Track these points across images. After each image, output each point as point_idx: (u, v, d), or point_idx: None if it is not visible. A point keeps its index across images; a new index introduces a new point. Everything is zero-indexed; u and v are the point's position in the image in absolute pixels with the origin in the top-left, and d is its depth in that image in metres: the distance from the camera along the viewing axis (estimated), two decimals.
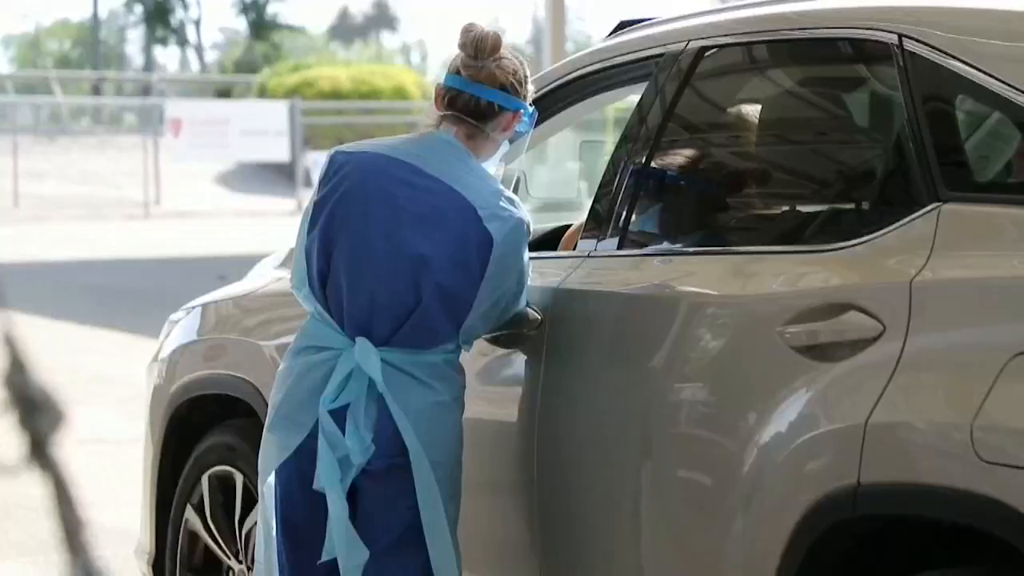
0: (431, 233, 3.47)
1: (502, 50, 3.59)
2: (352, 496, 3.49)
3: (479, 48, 3.57)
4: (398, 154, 3.55)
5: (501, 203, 3.51)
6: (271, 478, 3.56)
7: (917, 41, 3.14)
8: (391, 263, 3.47)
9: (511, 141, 3.71)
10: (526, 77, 3.63)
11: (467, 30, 3.59)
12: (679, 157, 3.78)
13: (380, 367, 3.45)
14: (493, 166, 3.68)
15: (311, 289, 3.56)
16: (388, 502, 3.50)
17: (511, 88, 3.58)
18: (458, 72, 3.59)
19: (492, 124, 3.60)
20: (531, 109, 3.65)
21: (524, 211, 3.57)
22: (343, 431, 3.44)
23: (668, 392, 3.35)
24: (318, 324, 3.57)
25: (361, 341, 3.47)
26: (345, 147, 3.62)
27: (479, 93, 3.57)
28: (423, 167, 3.52)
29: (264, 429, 3.62)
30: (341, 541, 3.46)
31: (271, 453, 3.57)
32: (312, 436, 3.49)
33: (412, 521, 3.48)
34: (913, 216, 3.03)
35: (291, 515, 3.56)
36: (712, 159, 3.85)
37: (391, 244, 3.48)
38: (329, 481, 3.45)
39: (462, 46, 3.60)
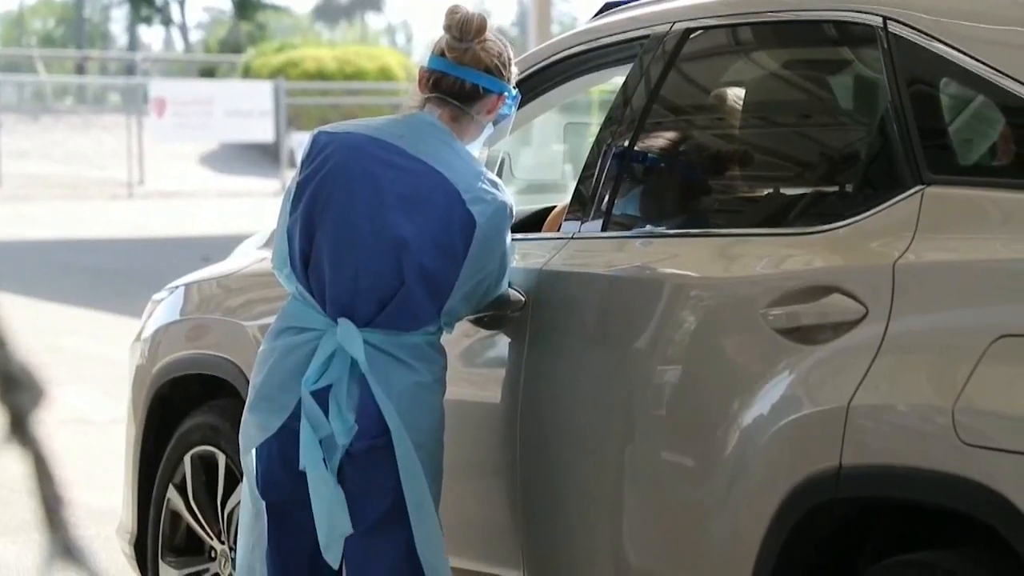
0: (414, 215, 3.46)
1: (487, 32, 3.58)
2: (336, 477, 3.50)
3: (464, 30, 3.56)
4: (382, 135, 3.54)
5: (485, 186, 3.51)
6: (251, 458, 3.56)
7: (902, 24, 3.14)
8: (374, 244, 3.47)
9: (495, 124, 3.70)
10: (510, 60, 3.63)
11: (452, 12, 3.58)
12: (663, 139, 3.78)
13: (363, 348, 3.45)
14: (477, 148, 3.67)
15: (292, 269, 3.55)
16: (371, 482, 3.50)
17: (496, 71, 3.58)
18: (443, 54, 3.58)
19: (477, 106, 3.59)
20: (515, 92, 3.65)
21: (507, 194, 3.56)
22: (326, 412, 3.44)
23: (651, 374, 3.35)
24: (299, 305, 3.57)
25: (344, 322, 3.47)
26: (328, 127, 3.61)
27: (464, 75, 3.56)
28: (407, 148, 3.51)
29: (244, 410, 3.62)
30: (322, 519, 3.46)
31: (251, 434, 3.57)
32: (294, 417, 3.48)
33: (395, 501, 3.48)
34: (896, 199, 3.04)
35: (273, 496, 3.56)
36: (696, 141, 3.85)
37: (374, 225, 3.47)
38: (311, 460, 3.45)
39: (447, 28, 3.59)
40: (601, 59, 3.99)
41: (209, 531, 4.51)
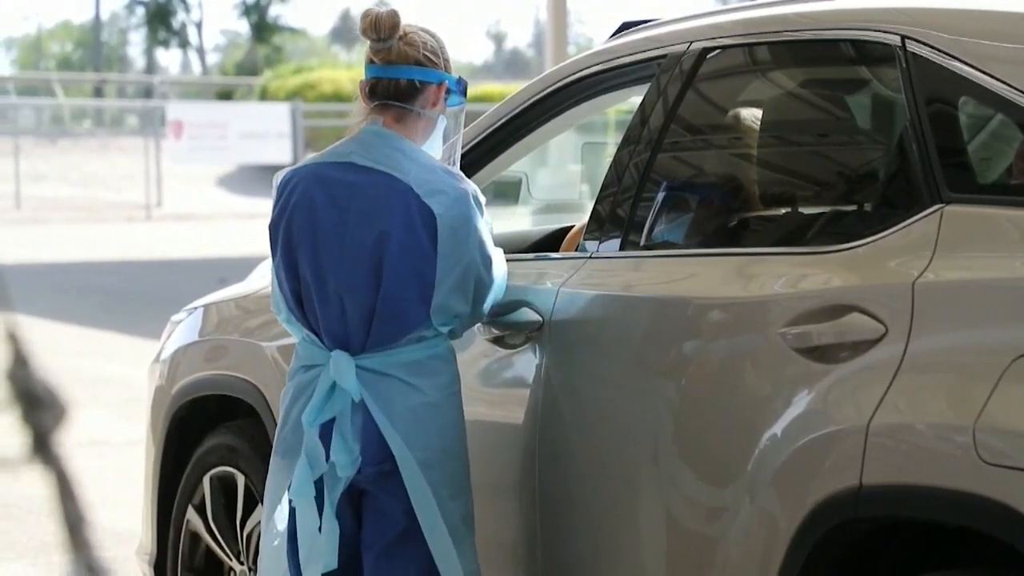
0: (377, 223, 3.48)
1: (403, 27, 3.59)
2: (358, 502, 3.52)
3: (378, 30, 3.58)
4: (333, 157, 3.58)
5: (439, 177, 3.52)
6: (285, 497, 3.58)
7: (920, 43, 3.14)
8: (347, 264, 3.50)
9: (457, 115, 3.70)
10: (440, 48, 3.63)
11: (364, 16, 3.62)
12: (681, 159, 3.78)
13: (355, 377, 3.46)
14: (438, 145, 3.67)
15: (290, 311, 3.59)
16: (383, 507, 3.51)
17: (425, 61, 3.59)
18: (371, 61, 3.62)
19: (419, 101, 3.60)
20: (456, 77, 3.64)
21: (468, 183, 3.56)
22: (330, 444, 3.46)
23: (669, 394, 3.35)
24: (305, 343, 3.61)
25: (336, 354, 3.50)
26: (287, 168, 3.68)
27: (396, 74, 3.58)
28: (358, 161, 3.54)
29: (272, 451, 3.66)
30: (304, 550, 3.49)
31: (276, 478, 3.62)
32: None
33: (408, 524, 3.49)
34: (915, 218, 3.03)
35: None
36: (714, 161, 3.85)
37: (343, 245, 3.50)
38: (300, 494, 3.48)
39: (363, 32, 3.62)
40: (618, 79, 3.99)
41: (228, 552, 4.51)
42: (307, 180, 3.55)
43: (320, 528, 3.48)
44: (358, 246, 3.49)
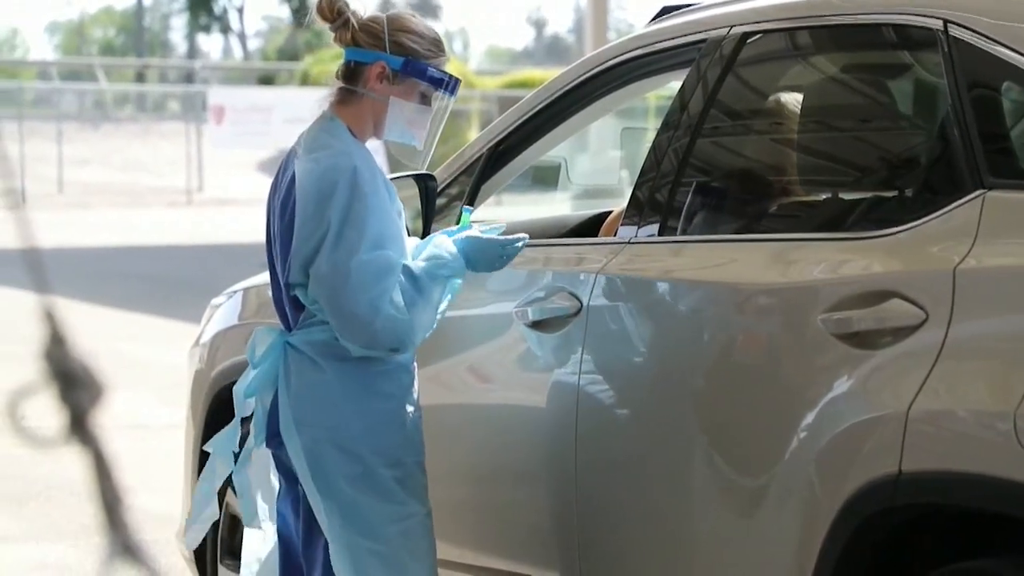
0: (284, 209, 3.55)
1: (348, 10, 3.63)
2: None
3: (322, 16, 3.66)
4: (294, 146, 3.63)
5: (318, 149, 3.52)
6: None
7: (962, 27, 3.12)
8: (275, 254, 3.61)
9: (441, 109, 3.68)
10: (384, 29, 3.62)
11: (313, 4, 3.68)
12: (721, 144, 3.76)
13: (263, 349, 3.58)
14: (398, 128, 3.65)
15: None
16: (287, 474, 3.63)
17: (362, 42, 3.62)
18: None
19: (360, 82, 3.63)
20: (395, 57, 3.60)
21: (345, 157, 3.48)
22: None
23: (708, 379, 3.34)
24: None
25: (268, 330, 3.65)
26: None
27: (344, 56, 3.65)
28: (298, 149, 3.59)
29: None
30: (197, 509, 3.79)
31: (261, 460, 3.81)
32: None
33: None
34: (957, 203, 3.01)
35: (281, 523, 3.72)
36: (754, 146, 3.83)
37: (271, 239, 3.62)
38: (218, 449, 3.74)
39: (317, 18, 3.68)
40: (658, 64, 3.98)
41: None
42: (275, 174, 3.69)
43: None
44: (275, 236, 3.59)
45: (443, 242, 3.60)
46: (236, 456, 3.72)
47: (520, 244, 3.63)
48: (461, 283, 3.62)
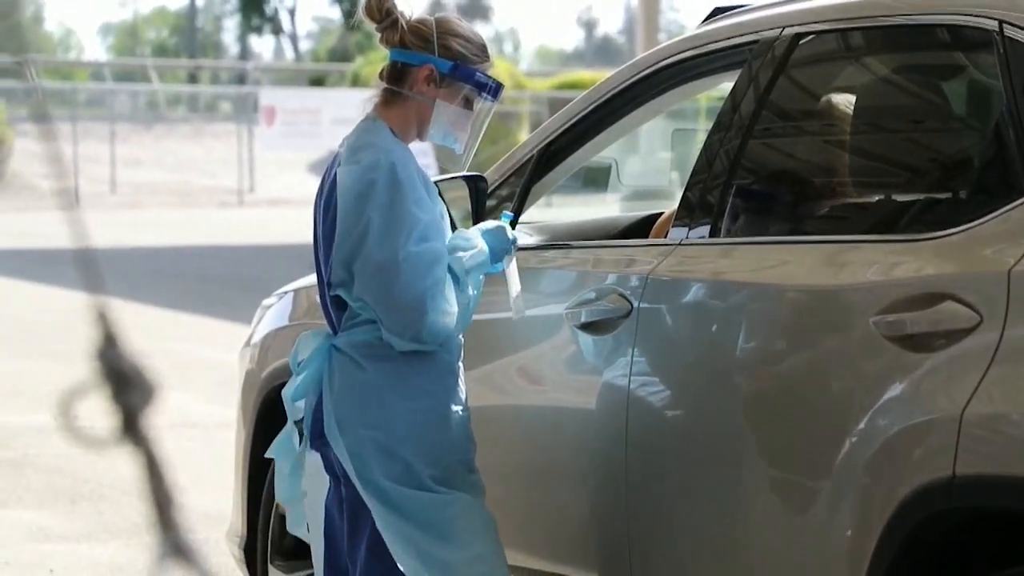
0: (327, 210, 3.56)
1: (397, 11, 3.61)
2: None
3: (370, 16, 3.64)
4: (338, 148, 3.65)
5: (360, 150, 3.53)
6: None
7: (1017, 27, 3.09)
8: (320, 256, 3.62)
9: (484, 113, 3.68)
10: (432, 32, 3.61)
11: (362, 3, 3.66)
12: (772, 146, 3.74)
13: (310, 352, 3.59)
14: (441, 130, 3.65)
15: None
16: (332, 472, 3.61)
17: (410, 44, 3.62)
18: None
19: (406, 84, 3.62)
20: (445, 61, 3.60)
21: (385, 154, 3.49)
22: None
23: (758, 382, 3.33)
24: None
25: (317, 334, 3.66)
26: None
27: (390, 57, 3.65)
28: (342, 151, 3.61)
29: None
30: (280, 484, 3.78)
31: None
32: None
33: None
34: (1012, 205, 2.99)
35: (327, 523, 3.70)
36: (806, 147, 3.81)
37: (317, 241, 3.63)
38: (278, 453, 3.78)
39: (364, 18, 3.67)
40: (709, 65, 3.96)
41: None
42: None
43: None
44: (320, 241, 3.61)
45: (471, 234, 3.64)
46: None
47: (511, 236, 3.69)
48: (484, 278, 3.65)
